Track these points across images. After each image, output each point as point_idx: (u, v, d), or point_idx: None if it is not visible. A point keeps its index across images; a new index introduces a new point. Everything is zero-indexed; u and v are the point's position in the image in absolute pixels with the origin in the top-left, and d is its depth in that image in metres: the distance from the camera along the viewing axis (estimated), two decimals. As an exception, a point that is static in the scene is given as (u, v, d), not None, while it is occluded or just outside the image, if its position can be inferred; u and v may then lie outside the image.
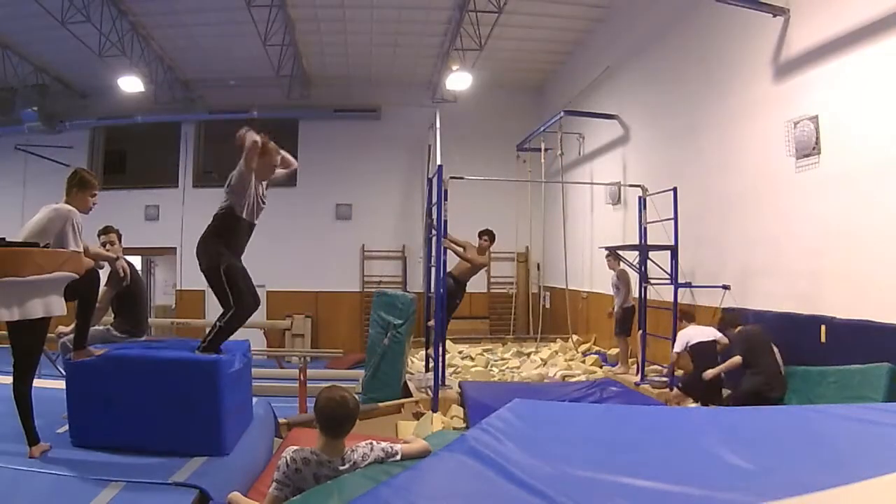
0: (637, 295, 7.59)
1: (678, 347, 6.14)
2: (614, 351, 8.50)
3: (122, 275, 4.39)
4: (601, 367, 8.42)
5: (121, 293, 4.46)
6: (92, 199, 3.58)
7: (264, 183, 4.02)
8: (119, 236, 4.64)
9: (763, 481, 1.80)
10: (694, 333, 6.06)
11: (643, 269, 7.37)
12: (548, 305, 12.31)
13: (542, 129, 10.95)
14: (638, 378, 7.26)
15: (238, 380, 3.57)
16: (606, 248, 8.08)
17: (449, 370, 8.00)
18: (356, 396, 2.73)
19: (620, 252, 7.86)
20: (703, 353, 5.88)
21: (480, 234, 7.49)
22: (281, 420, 4.95)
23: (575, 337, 10.20)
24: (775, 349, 5.38)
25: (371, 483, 2.28)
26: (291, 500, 2.43)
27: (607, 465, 1.98)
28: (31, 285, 3.05)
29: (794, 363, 5.33)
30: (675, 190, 7.07)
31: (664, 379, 7.06)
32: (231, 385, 3.40)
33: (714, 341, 5.95)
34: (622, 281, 7.87)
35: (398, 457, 2.74)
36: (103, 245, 4.50)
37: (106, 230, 4.61)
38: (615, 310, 7.97)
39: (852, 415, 2.46)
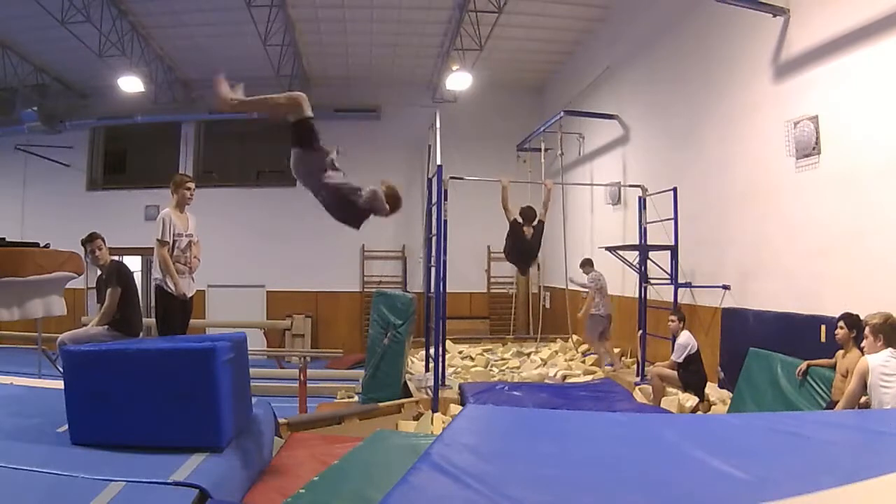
0: (637, 295, 7.59)
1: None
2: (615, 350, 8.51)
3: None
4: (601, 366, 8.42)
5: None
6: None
7: None
8: (103, 240, 4.79)
9: (761, 490, 1.77)
10: None
11: (643, 269, 7.37)
12: (548, 305, 12.32)
13: (542, 129, 10.95)
14: (638, 378, 7.26)
15: (234, 368, 3.56)
16: (607, 248, 8.08)
17: (449, 370, 8.00)
18: None
19: (621, 252, 7.85)
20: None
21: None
22: (281, 420, 4.95)
23: (575, 337, 10.19)
24: None
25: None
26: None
27: (588, 482, 1.89)
28: (31, 285, 3.06)
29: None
30: (675, 190, 7.08)
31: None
32: (227, 373, 3.39)
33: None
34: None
35: None
36: (93, 252, 4.64)
37: (91, 237, 4.71)
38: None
39: (836, 421, 2.44)
